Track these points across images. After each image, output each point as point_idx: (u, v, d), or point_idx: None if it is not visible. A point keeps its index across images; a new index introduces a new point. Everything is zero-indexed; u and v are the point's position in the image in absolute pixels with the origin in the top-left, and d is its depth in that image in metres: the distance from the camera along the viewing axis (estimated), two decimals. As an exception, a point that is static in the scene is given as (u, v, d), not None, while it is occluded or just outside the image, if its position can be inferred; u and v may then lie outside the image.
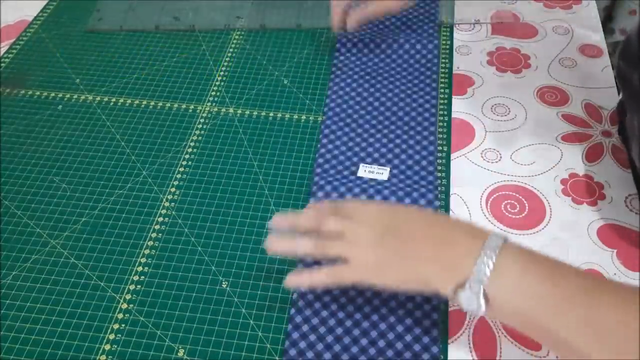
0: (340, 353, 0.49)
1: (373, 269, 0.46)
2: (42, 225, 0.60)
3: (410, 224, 0.47)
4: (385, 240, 0.46)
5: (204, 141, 0.68)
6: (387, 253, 0.46)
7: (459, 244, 0.44)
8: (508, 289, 0.42)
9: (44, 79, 0.76)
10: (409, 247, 0.45)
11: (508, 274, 0.42)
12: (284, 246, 0.50)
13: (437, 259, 0.44)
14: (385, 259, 0.46)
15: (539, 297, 0.41)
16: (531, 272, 0.42)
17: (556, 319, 0.41)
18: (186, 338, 0.52)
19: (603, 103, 0.69)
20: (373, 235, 0.46)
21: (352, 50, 0.75)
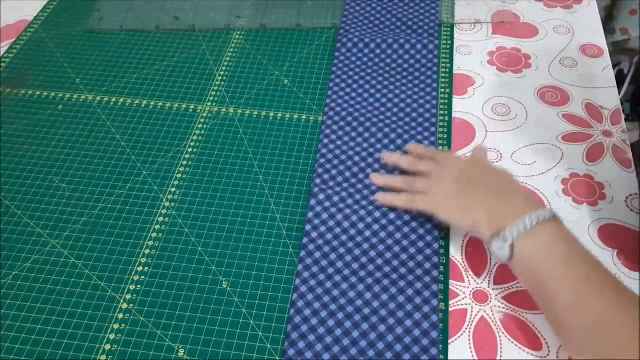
0: (339, 354, 0.49)
1: (441, 203, 0.56)
2: (42, 225, 0.60)
3: (483, 176, 0.57)
4: (459, 184, 0.56)
5: (204, 141, 0.68)
6: (456, 194, 0.56)
7: (512, 204, 0.52)
8: (531, 251, 0.49)
9: (44, 79, 0.76)
10: (474, 194, 0.55)
11: (538, 241, 0.49)
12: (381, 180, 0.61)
13: (491, 209, 0.53)
14: (453, 198, 0.56)
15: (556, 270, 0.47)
16: (559, 250, 0.48)
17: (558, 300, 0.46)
18: (186, 338, 0.52)
19: (604, 103, 0.69)
20: (453, 178, 0.57)
21: (352, 50, 0.75)
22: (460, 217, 0.55)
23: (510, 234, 0.49)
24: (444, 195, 0.56)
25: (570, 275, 0.47)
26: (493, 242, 0.51)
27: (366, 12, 0.81)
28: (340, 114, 0.68)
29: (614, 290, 0.46)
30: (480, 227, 0.52)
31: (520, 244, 0.49)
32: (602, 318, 0.44)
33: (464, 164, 0.60)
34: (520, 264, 0.50)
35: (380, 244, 0.57)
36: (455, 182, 0.57)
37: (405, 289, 0.53)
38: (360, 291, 0.53)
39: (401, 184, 0.60)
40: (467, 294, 0.54)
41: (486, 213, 0.53)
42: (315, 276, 0.54)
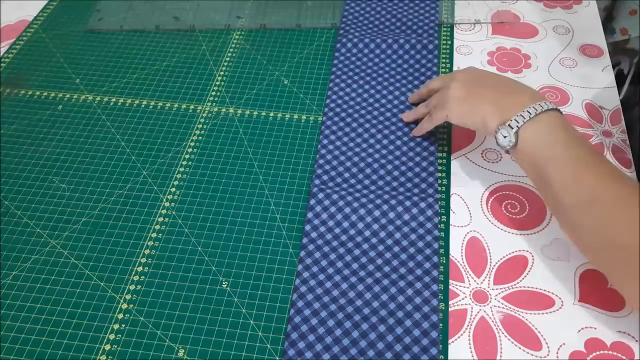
0: (339, 354, 0.49)
1: (452, 108, 0.60)
2: (42, 225, 0.60)
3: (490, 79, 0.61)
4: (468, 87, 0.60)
5: (204, 141, 0.68)
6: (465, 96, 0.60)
7: (518, 97, 0.56)
8: (534, 137, 0.53)
9: (44, 79, 0.76)
10: (482, 92, 0.59)
11: (541, 127, 0.53)
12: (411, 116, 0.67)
13: (497, 102, 0.57)
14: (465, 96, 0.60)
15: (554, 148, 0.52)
16: (559, 135, 0.52)
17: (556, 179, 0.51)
18: (186, 338, 0.52)
19: (603, 103, 0.69)
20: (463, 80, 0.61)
21: (352, 50, 0.75)
22: (470, 115, 0.59)
23: (515, 122, 0.54)
24: (454, 94, 0.60)
25: (568, 156, 0.51)
26: (499, 130, 0.55)
27: (366, 12, 0.81)
28: (340, 114, 0.68)
29: (608, 168, 0.50)
30: (487, 119, 0.56)
31: (524, 130, 0.53)
32: (597, 192, 0.48)
33: (472, 70, 0.64)
34: (523, 150, 0.54)
35: (380, 244, 0.57)
36: (463, 85, 0.60)
37: (405, 288, 0.53)
38: (360, 291, 0.53)
39: (423, 108, 0.65)
40: (467, 294, 0.54)
41: (493, 106, 0.57)
42: (315, 276, 0.54)
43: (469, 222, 0.59)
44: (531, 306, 0.53)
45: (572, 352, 0.50)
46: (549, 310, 0.53)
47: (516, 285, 0.54)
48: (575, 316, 0.52)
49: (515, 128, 0.53)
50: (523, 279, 0.55)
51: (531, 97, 0.56)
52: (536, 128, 0.53)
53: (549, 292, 0.54)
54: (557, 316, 0.52)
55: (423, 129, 0.65)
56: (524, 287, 0.54)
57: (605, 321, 0.52)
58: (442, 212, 0.60)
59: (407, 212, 0.58)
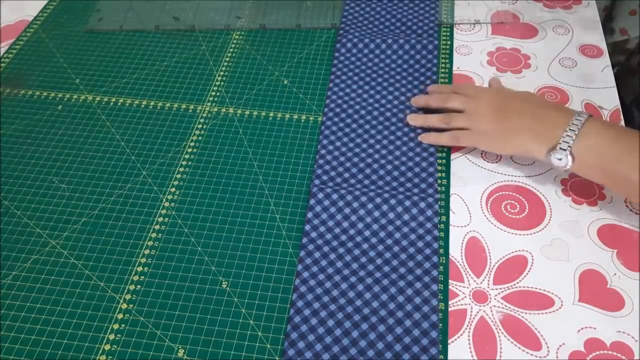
0: (339, 354, 0.49)
1: (486, 137, 0.61)
2: (42, 225, 0.60)
3: (514, 102, 0.61)
4: (498, 115, 0.60)
5: (204, 141, 0.68)
6: (496, 125, 0.60)
7: (550, 117, 0.57)
8: (589, 147, 0.54)
9: (44, 79, 0.76)
10: (511, 121, 0.59)
11: (590, 136, 0.54)
12: (419, 120, 0.66)
13: (532, 129, 0.57)
14: (496, 129, 0.60)
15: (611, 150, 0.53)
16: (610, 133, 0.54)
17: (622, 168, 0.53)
18: (186, 338, 0.52)
19: (603, 103, 0.69)
20: (489, 110, 0.61)
21: (352, 51, 0.75)
22: (505, 146, 0.60)
23: (565, 143, 0.55)
24: (486, 127, 0.61)
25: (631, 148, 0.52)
26: (552, 155, 0.55)
27: (366, 12, 0.81)
28: (340, 115, 0.68)
29: None
30: (531, 149, 0.58)
31: (576, 147, 0.55)
32: None
33: (492, 94, 0.64)
34: (583, 163, 0.55)
35: (380, 243, 0.57)
36: (491, 113, 0.61)
37: (405, 288, 0.53)
38: (359, 291, 0.53)
39: (439, 122, 0.64)
40: (467, 294, 0.54)
41: (530, 134, 0.57)
42: (315, 276, 0.55)
43: (469, 222, 0.59)
44: (531, 306, 0.53)
45: (571, 352, 0.50)
46: (549, 310, 0.53)
47: (516, 285, 0.54)
48: (575, 316, 0.52)
49: (568, 149, 0.55)
50: (523, 279, 0.55)
51: (561, 112, 0.57)
52: (587, 141, 0.54)
53: (548, 292, 0.54)
54: (557, 316, 0.52)
55: (440, 142, 0.64)
56: (524, 287, 0.54)
57: (605, 321, 0.52)
58: (441, 212, 0.60)
59: (406, 212, 0.58)
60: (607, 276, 0.55)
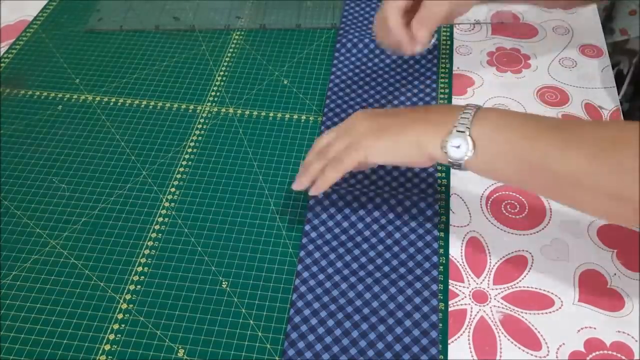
0: (338, 354, 0.49)
1: (367, 138, 0.51)
2: (42, 225, 0.60)
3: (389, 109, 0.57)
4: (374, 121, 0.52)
5: (204, 141, 0.68)
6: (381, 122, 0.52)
7: (439, 109, 0.51)
8: (491, 127, 0.46)
9: (44, 79, 0.76)
10: (398, 118, 0.52)
11: (489, 116, 0.47)
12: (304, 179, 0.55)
13: (424, 119, 0.50)
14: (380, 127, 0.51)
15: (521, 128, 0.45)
16: (511, 113, 0.48)
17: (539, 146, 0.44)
18: (186, 338, 0.52)
19: (603, 103, 0.69)
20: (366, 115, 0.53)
21: (352, 51, 0.75)
22: (398, 145, 0.50)
23: (462, 125, 0.47)
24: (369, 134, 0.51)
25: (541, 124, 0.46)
26: (448, 141, 0.47)
27: (366, 12, 0.81)
28: (340, 115, 0.68)
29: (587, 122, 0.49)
30: (424, 138, 0.49)
31: (476, 130, 0.46)
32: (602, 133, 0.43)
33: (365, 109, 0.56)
34: (487, 151, 0.46)
35: (380, 243, 0.57)
36: (370, 117, 0.53)
37: (405, 288, 0.53)
38: (359, 291, 0.53)
39: (319, 160, 0.53)
40: (467, 294, 0.54)
41: (422, 123, 0.50)
42: (315, 276, 0.55)
43: (469, 222, 0.59)
44: (531, 306, 0.53)
45: (571, 352, 0.50)
46: (549, 310, 0.53)
47: (516, 285, 0.54)
48: (574, 316, 0.52)
49: (466, 130, 0.46)
50: (523, 279, 0.55)
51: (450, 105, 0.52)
52: (486, 122, 0.47)
53: (548, 292, 0.54)
54: (557, 316, 0.52)
55: (328, 182, 0.53)
56: (524, 287, 0.54)
57: (604, 321, 0.52)
58: (441, 212, 0.60)
59: (406, 212, 0.58)
60: (607, 276, 0.55)
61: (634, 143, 0.41)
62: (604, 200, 0.43)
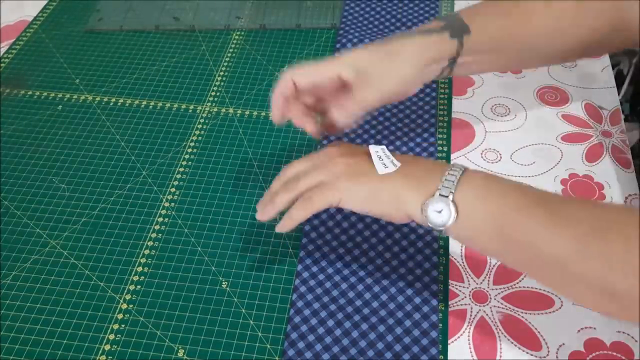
0: (338, 354, 0.49)
1: (343, 179, 0.47)
2: (42, 225, 0.60)
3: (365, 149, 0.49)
4: (356, 155, 0.48)
5: (204, 141, 0.68)
6: (361, 165, 0.47)
7: (420, 164, 0.48)
8: (476, 194, 0.43)
9: (44, 79, 0.76)
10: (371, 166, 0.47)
11: (475, 181, 0.44)
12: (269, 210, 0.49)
13: (406, 175, 0.46)
14: (359, 169, 0.47)
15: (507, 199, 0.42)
16: (497, 180, 0.45)
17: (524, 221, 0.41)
18: (186, 338, 0.52)
19: (603, 103, 0.69)
20: (343, 151, 0.49)
21: (352, 51, 0.75)
22: (376, 196, 0.46)
23: (446, 189, 0.43)
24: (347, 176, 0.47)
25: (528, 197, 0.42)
26: (429, 205, 0.43)
27: (366, 12, 0.81)
28: (340, 114, 0.68)
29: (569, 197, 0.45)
30: (403, 197, 0.45)
31: (460, 195, 0.43)
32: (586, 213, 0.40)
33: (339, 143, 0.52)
34: (468, 218, 0.43)
35: (379, 244, 0.57)
36: (347, 154, 0.48)
37: (405, 289, 0.53)
38: (359, 291, 0.53)
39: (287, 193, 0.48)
40: (467, 294, 0.54)
41: (403, 179, 0.46)
42: (315, 276, 0.55)
43: (469, 222, 0.59)
44: (531, 306, 0.53)
45: (571, 352, 0.50)
46: (549, 310, 0.53)
47: (516, 286, 0.54)
48: (574, 316, 0.52)
49: (450, 195, 0.43)
50: (522, 279, 0.55)
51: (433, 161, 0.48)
52: (470, 185, 0.44)
53: (548, 292, 0.54)
54: (557, 316, 0.52)
55: (295, 222, 0.48)
56: (524, 287, 0.54)
57: (604, 321, 0.52)
58: (441, 212, 0.60)
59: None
60: (607, 276, 0.54)
61: (628, 231, 0.38)
62: (589, 290, 0.40)
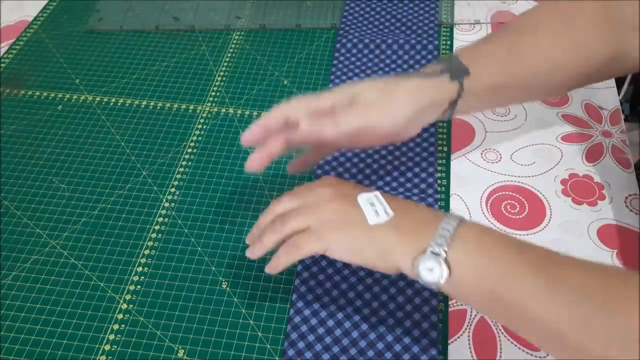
0: (338, 355, 0.49)
1: (331, 228, 0.45)
2: (42, 225, 0.60)
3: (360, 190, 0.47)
4: (345, 200, 0.46)
5: (204, 141, 0.68)
6: (349, 211, 0.45)
7: (418, 214, 0.45)
8: (469, 250, 0.41)
9: (44, 79, 0.76)
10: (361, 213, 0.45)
11: (469, 237, 0.42)
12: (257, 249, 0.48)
13: (397, 226, 0.44)
14: (347, 216, 0.45)
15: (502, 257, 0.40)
16: (493, 235, 0.42)
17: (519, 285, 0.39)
18: (186, 338, 0.52)
19: (603, 103, 0.69)
20: (332, 194, 0.47)
21: (352, 51, 0.75)
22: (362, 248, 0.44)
23: (437, 246, 0.41)
24: (329, 215, 0.45)
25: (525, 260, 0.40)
26: (420, 262, 0.41)
27: (366, 12, 0.81)
28: (340, 114, 0.68)
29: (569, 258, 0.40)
30: (392, 249, 0.43)
31: (454, 252, 0.41)
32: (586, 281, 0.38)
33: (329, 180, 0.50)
34: (461, 279, 0.41)
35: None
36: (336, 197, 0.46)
37: (405, 289, 0.53)
38: (359, 291, 0.53)
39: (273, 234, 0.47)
40: (467, 294, 0.54)
41: (393, 230, 0.43)
42: (315, 276, 0.54)
43: (469, 222, 0.59)
44: (531, 306, 0.53)
45: (571, 352, 0.50)
46: (549, 310, 0.53)
47: (516, 286, 0.54)
48: (574, 316, 0.52)
49: (443, 253, 0.41)
50: (523, 279, 0.55)
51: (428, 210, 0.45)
52: (465, 243, 0.41)
53: (548, 292, 0.54)
54: (557, 316, 0.52)
55: (282, 266, 0.46)
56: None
57: (604, 321, 0.52)
58: (441, 212, 0.60)
59: None
60: (607, 276, 0.54)
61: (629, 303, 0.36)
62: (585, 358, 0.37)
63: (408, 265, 0.42)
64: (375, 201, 0.45)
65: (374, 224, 0.44)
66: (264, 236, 0.47)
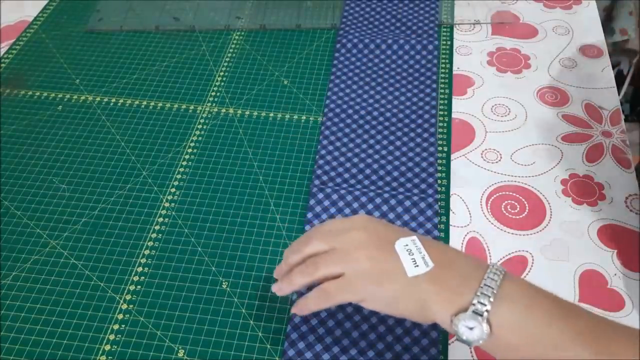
0: (339, 355, 0.49)
1: (368, 280, 0.42)
2: (42, 226, 0.60)
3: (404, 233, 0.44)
4: (381, 247, 0.43)
5: (204, 141, 0.68)
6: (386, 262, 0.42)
7: (456, 266, 0.42)
8: (515, 315, 0.39)
9: (44, 79, 0.76)
10: None
11: (516, 297, 0.39)
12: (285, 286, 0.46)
13: (437, 280, 0.41)
14: (379, 269, 0.42)
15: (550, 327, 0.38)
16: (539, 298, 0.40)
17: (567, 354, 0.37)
18: (186, 338, 0.52)
19: (603, 103, 0.69)
20: (368, 240, 0.43)
21: (352, 51, 0.75)
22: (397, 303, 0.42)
23: (480, 304, 0.39)
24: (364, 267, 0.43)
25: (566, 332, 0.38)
26: (461, 320, 0.39)
27: (366, 12, 0.81)
28: (340, 115, 0.68)
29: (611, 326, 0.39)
30: (431, 304, 0.41)
31: (496, 313, 0.39)
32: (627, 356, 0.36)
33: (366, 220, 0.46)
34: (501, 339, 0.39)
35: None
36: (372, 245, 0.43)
37: (405, 289, 0.53)
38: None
39: (303, 277, 0.45)
40: (467, 294, 0.54)
41: (433, 284, 0.41)
42: (315, 276, 0.54)
43: (469, 222, 0.59)
44: (531, 306, 0.53)
45: (571, 352, 0.50)
46: (549, 310, 0.52)
47: (516, 286, 0.54)
48: (575, 316, 0.52)
49: (485, 313, 0.38)
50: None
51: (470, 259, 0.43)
52: (509, 306, 0.39)
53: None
54: (557, 316, 0.52)
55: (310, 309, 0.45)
56: None
57: (605, 321, 0.52)
58: (441, 213, 0.60)
59: (406, 212, 0.58)
60: (607, 276, 0.55)
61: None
62: None
63: (447, 320, 0.40)
64: (413, 248, 0.42)
65: (412, 276, 0.41)
66: (293, 276, 0.45)
